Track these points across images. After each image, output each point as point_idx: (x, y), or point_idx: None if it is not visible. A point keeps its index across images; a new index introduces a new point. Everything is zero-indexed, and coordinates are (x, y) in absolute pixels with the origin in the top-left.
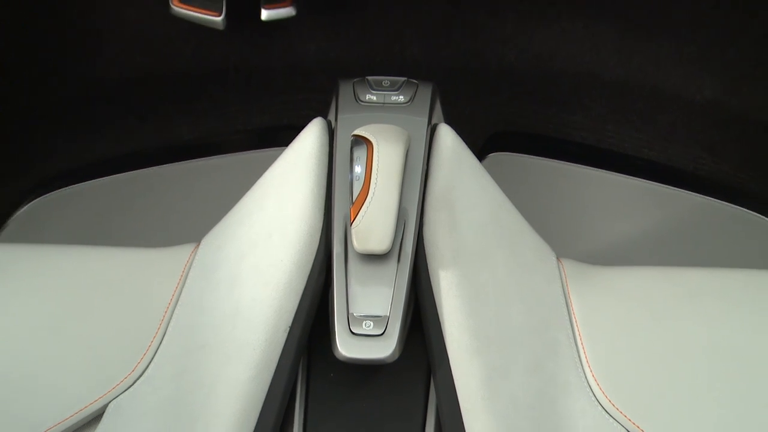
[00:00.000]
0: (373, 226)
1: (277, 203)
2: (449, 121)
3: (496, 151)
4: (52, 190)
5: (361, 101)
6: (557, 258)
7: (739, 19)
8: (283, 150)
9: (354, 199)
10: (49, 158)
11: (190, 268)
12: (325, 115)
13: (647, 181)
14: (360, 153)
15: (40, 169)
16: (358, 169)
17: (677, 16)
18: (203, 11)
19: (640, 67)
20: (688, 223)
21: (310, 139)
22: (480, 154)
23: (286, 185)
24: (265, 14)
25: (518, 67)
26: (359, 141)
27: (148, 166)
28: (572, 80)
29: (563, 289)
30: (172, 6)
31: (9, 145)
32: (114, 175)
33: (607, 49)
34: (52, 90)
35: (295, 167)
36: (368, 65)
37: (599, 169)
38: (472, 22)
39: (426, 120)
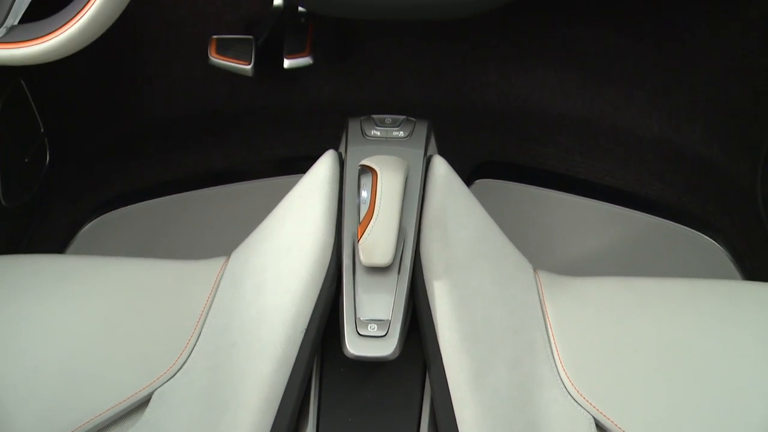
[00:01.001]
0: (377, 242)
1: (295, 222)
2: (442, 153)
3: (482, 178)
4: (110, 211)
5: (367, 136)
6: (534, 270)
7: (677, 71)
8: (301, 177)
9: (361, 220)
10: (107, 184)
11: (221, 278)
12: (336, 148)
13: (608, 203)
14: (366, 180)
15: (100, 193)
16: (365, 194)
17: (630, 67)
18: (235, 61)
19: (600, 108)
20: (641, 238)
21: (323, 168)
22: (468, 181)
23: (303, 207)
24: (287, 63)
25: (500, 107)
26: (365, 170)
27: (187, 191)
28: (545, 119)
29: (539, 297)
30: (210, 57)
31: (77, 172)
32: (159, 198)
33: (574, 93)
34: (113, 126)
35: (311, 192)
36: (373, 104)
37: (568, 194)
38: (461, 70)
39: (422, 152)
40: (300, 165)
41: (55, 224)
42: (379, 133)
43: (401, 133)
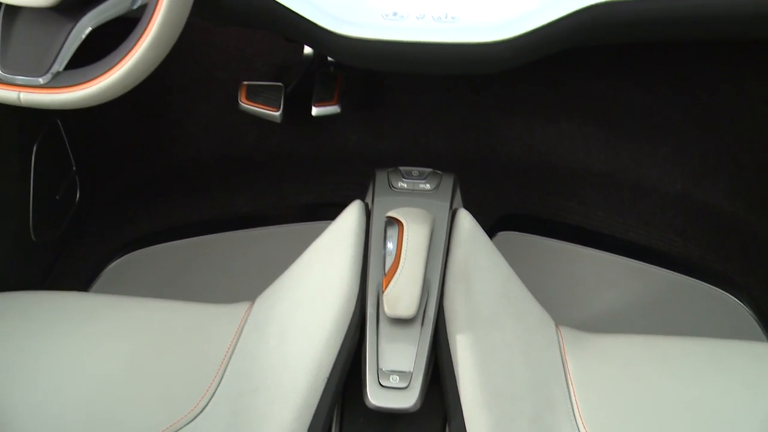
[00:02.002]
0: (401, 294)
1: (320, 271)
2: (465, 204)
3: (505, 230)
4: (136, 250)
5: (394, 188)
6: (556, 325)
7: (701, 127)
8: (327, 224)
9: (386, 271)
10: (134, 223)
11: (245, 323)
12: (362, 197)
13: (630, 259)
14: (392, 232)
15: (127, 232)
16: (390, 246)
17: (654, 123)
18: (265, 107)
19: (624, 163)
20: (664, 295)
21: (350, 218)
22: (490, 233)
23: (329, 256)
24: (315, 111)
25: (524, 160)
26: (392, 222)
27: (213, 233)
28: (568, 172)
29: (561, 353)
30: (240, 102)
31: (105, 211)
32: (185, 239)
33: (597, 147)
34: (142, 167)
35: (337, 241)
36: (398, 154)
37: (591, 248)
38: (486, 122)
39: (448, 205)
40: (325, 211)
41: (81, 261)
42: (405, 185)
43: (428, 185)
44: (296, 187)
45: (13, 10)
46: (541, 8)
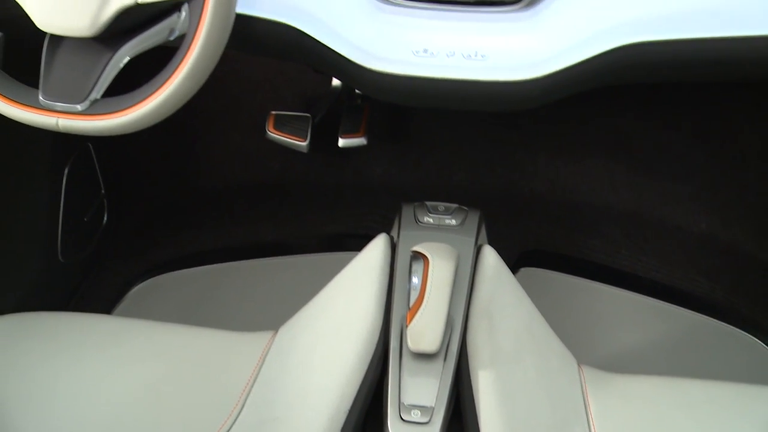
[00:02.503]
0: (425, 329)
1: (345, 303)
2: (490, 240)
3: (527, 266)
4: (160, 274)
5: (420, 222)
6: (578, 364)
7: (727, 168)
8: (350, 255)
9: (411, 305)
10: (159, 247)
11: (268, 352)
12: (386, 229)
13: (654, 298)
14: (417, 267)
15: (151, 256)
16: (416, 280)
17: (680, 162)
18: (292, 137)
19: (648, 201)
20: (687, 336)
21: (375, 251)
22: (513, 268)
23: (353, 288)
24: (341, 142)
25: (547, 196)
26: (417, 256)
27: (236, 260)
28: (592, 210)
29: (582, 393)
30: (268, 131)
31: (131, 234)
32: (208, 266)
33: (622, 185)
34: (169, 192)
35: (362, 274)
36: (422, 188)
37: (614, 287)
38: (511, 158)
39: (473, 241)
40: (348, 242)
41: (105, 283)
42: (431, 220)
43: (453, 221)
44: (320, 217)
45: (56, 40)
46: (569, 48)
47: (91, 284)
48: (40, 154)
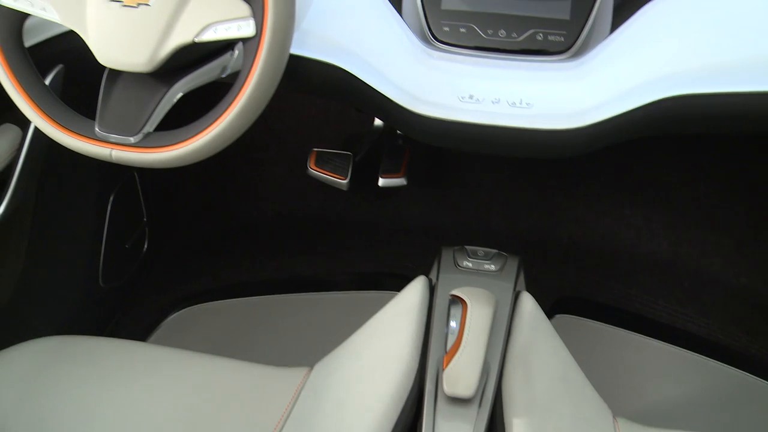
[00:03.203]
0: (461, 374)
1: (381, 344)
2: (526, 285)
3: (562, 313)
4: (196, 304)
5: (459, 266)
6: (613, 416)
7: (766, 223)
8: (387, 294)
9: (448, 349)
10: (197, 278)
11: (302, 388)
12: (422, 269)
13: (691, 351)
14: (456, 311)
15: (189, 286)
16: (453, 325)
17: (719, 213)
18: (333, 175)
19: (686, 252)
20: (724, 392)
21: (414, 293)
22: (548, 314)
23: (390, 329)
24: (381, 182)
25: (584, 243)
26: (456, 300)
27: (272, 294)
28: (630, 258)
29: None
30: (309, 168)
31: (170, 263)
32: (245, 298)
33: (660, 235)
34: (209, 223)
35: (400, 315)
36: (460, 230)
37: (650, 338)
38: (548, 203)
39: (512, 287)
40: (384, 281)
41: (142, 310)
42: (471, 265)
43: (492, 266)
44: (357, 255)
45: (115, 74)
46: (614, 99)
47: (128, 310)
48: (88, 180)
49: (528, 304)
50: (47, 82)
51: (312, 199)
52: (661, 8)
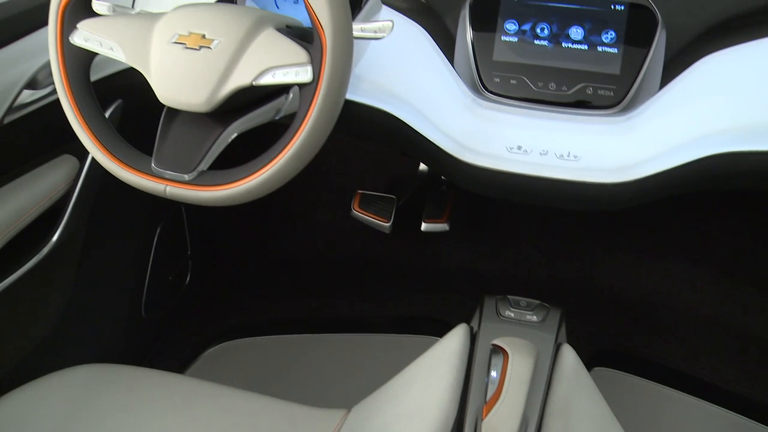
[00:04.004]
0: (501, 424)
1: (421, 389)
2: (567, 336)
3: (602, 366)
4: (235, 339)
5: (501, 316)
6: None
7: None
8: (425, 339)
9: (487, 399)
10: (237, 312)
11: (340, 431)
12: (461, 315)
13: (734, 413)
14: (497, 360)
15: (229, 320)
16: (494, 374)
17: (763, 271)
18: (376, 217)
19: (731, 309)
20: None
21: (455, 341)
22: (587, 366)
23: (430, 376)
24: (424, 226)
25: (625, 295)
26: (497, 350)
27: (310, 333)
28: (671, 313)
29: None
30: (353, 210)
31: (211, 297)
32: (283, 335)
33: (703, 290)
34: (251, 259)
35: (440, 362)
36: (500, 277)
37: (691, 396)
38: (590, 253)
39: (553, 339)
40: (423, 325)
41: (182, 342)
42: (513, 315)
43: (534, 317)
44: (397, 298)
45: (173, 112)
46: (662, 154)
47: (168, 341)
48: (137, 212)
49: (569, 357)
50: (106, 115)
51: (354, 240)
52: (711, 66)
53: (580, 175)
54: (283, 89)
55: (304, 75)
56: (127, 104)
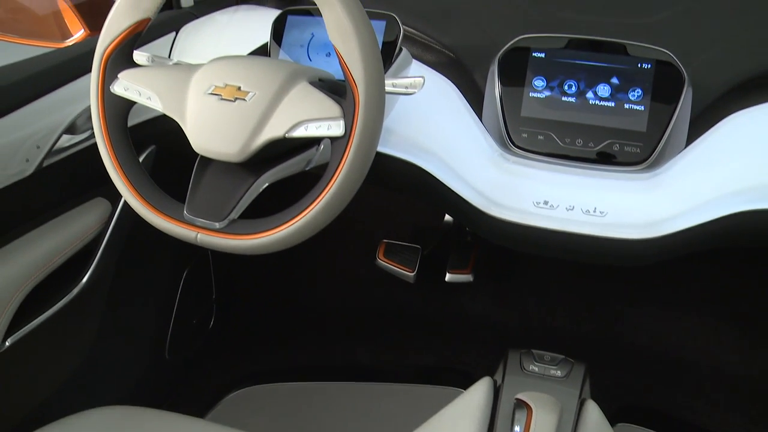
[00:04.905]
0: None
1: None
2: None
3: (625, 422)
4: (256, 384)
5: (525, 370)
6: None
7: None
8: (448, 390)
9: None
10: (258, 358)
11: None
12: (484, 365)
13: None
14: (520, 415)
15: (250, 365)
16: (517, 429)
17: None
18: (400, 267)
19: (759, 368)
20: None
21: (478, 394)
22: (610, 421)
23: (454, 429)
24: (449, 277)
25: (650, 350)
26: (521, 405)
27: (332, 380)
28: (697, 369)
29: None
30: (378, 259)
31: (234, 342)
32: (304, 382)
33: (729, 347)
34: (274, 306)
35: (464, 415)
36: (523, 329)
37: None
38: (613, 307)
39: (577, 394)
40: (444, 376)
41: (203, 386)
42: (537, 369)
43: (559, 372)
44: (419, 347)
45: (206, 161)
46: (688, 211)
47: (190, 385)
48: (165, 256)
49: (593, 413)
50: (140, 160)
51: (377, 288)
52: (736, 124)
53: (606, 230)
54: (314, 140)
55: (337, 129)
56: (160, 149)
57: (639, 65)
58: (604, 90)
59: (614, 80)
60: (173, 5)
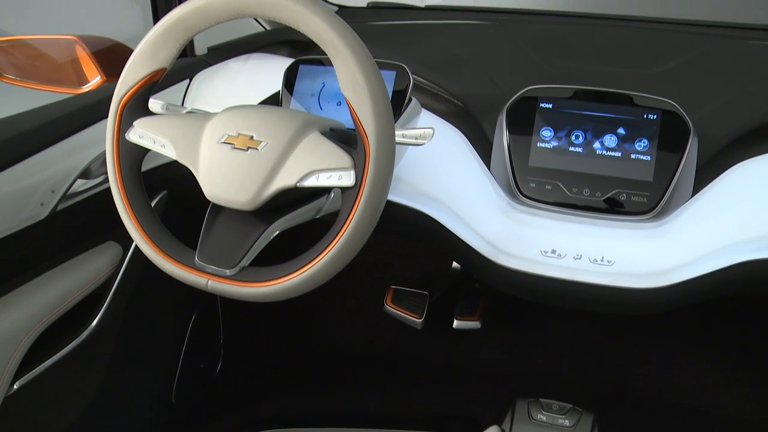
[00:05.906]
0: None
1: None
2: None
3: None
4: (262, 430)
5: (533, 419)
6: None
7: None
8: None
9: None
10: (265, 404)
11: None
12: (492, 412)
13: None
14: None
15: (257, 411)
16: None
17: None
18: (408, 313)
19: None
20: None
21: None
22: None
23: None
24: (456, 324)
25: (659, 397)
26: None
27: (340, 426)
28: (707, 418)
29: None
30: (385, 305)
31: (241, 387)
32: (312, 428)
33: (740, 397)
34: (282, 351)
35: None
36: (531, 377)
37: None
38: (622, 355)
39: None
40: (452, 423)
41: (209, 431)
42: (545, 418)
43: (567, 421)
44: (427, 394)
45: (218, 209)
46: (696, 260)
47: (196, 430)
48: (174, 300)
49: None
50: (152, 204)
51: (385, 334)
52: (742, 173)
53: (613, 280)
54: (325, 189)
55: (347, 179)
56: (172, 194)
57: (645, 116)
58: (611, 140)
59: (621, 131)
60: (187, 53)
